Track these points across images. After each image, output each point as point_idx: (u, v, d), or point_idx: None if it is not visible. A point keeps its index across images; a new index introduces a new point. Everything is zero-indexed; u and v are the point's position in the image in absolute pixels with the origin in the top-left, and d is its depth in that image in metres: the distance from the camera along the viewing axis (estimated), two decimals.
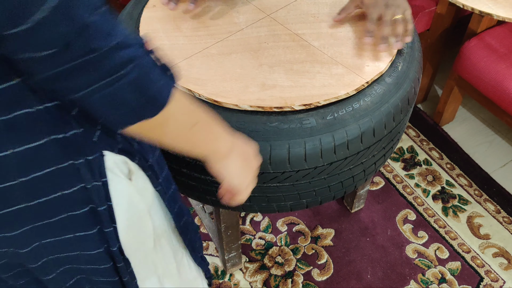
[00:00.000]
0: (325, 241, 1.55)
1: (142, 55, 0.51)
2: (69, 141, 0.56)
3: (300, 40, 1.04)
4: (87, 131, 0.57)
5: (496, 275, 1.49)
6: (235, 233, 1.33)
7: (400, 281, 1.47)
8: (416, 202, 1.65)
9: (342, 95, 0.92)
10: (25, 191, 0.57)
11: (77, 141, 0.57)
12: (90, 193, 0.60)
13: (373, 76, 0.96)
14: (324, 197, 1.04)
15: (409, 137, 1.84)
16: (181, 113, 0.57)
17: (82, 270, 0.72)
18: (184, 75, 0.96)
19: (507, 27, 1.62)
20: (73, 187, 0.59)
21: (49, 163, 0.56)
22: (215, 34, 1.05)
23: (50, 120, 0.54)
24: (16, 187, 0.56)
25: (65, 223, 0.62)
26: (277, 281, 1.47)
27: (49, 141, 0.55)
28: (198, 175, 0.97)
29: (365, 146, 0.95)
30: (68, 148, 0.56)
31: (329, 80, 0.95)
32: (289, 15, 1.10)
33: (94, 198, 0.61)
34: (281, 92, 0.93)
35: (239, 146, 0.70)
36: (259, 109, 0.91)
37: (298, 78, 0.95)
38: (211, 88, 0.94)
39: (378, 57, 0.99)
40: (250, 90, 0.93)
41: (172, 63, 0.56)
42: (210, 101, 0.92)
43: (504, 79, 1.53)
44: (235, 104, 0.91)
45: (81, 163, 0.58)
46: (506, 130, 1.89)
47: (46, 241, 0.63)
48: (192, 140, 0.62)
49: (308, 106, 0.91)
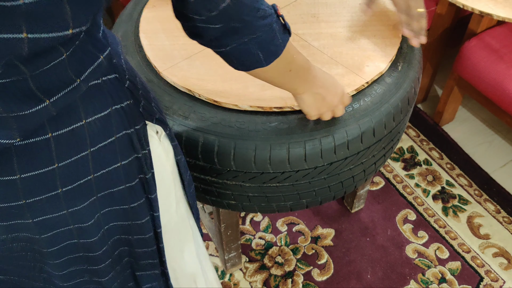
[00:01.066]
0: (325, 241, 1.55)
1: (275, 21, 0.67)
2: (124, 111, 0.62)
3: (300, 40, 1.04)
4: (135, 101, 0.64)
5: (496, 275, 1.49)
6: (235, 233, 1.33)
7: (400, 281, 1.47)
8: (416, 202, 1.65)
9: None
10: (93, 162, 0.61)
11: (129, 111, 0.63)
12: (141, 162, 0.66)
13: (373, 76, 0.96)
14: (324, 197, 1.04)
15: (409, 137, 1.84)
16: (285, 62, 0.73)
17: (128, 241, 0.75)
18: (184, 75, 0.96)
19: (507, 27, 1.62)
20: (129, 158, 0.65)
21: (111, 133, 0.61)
22: None
23: (112, 91, 0.60)
24: (87, 158, 0.60)
25: (124, 193, 0.67)
26: (277, 281, 1.47)
27: (112, 111, 0.61)
28: (198, 175, 0.97)
29: (365, 146, 0.95)
30: (123, 118, 0.62)
31: None
32: (289, 15, 1.10)
33: (144, 167, 0.67)
34: (280, 92, 0.93)
35: (316, 87, 0.83)
36: (259, 109, 0.91)
37: None
38: (211, 88, 0.94)
39: (378, 58, 0.99)
40: (250, 90, 0.93)
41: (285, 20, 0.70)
42: (210, 101, 0.92)
43: (504, 79, 1.53)
44: (234, 104, 0.91)
45: (132, 133, 0.64)
46: (506, 130, 1.89)
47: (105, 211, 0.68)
48: (283, 80, 0.79)
49: None
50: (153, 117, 0.68)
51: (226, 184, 0.97)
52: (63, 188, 0.60)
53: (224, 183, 0.97)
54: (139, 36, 1.05)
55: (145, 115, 0.66)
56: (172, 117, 0.92)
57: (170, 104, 0.93)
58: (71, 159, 0.59)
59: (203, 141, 0.90)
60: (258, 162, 0.90)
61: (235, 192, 0.99)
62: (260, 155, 0.89)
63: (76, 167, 0.60)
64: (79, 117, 0.58)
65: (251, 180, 0.95)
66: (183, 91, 0.95)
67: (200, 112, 0.92)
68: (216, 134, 0.89)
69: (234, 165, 0.91)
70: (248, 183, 0.96)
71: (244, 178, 0.94)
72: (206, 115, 0.91)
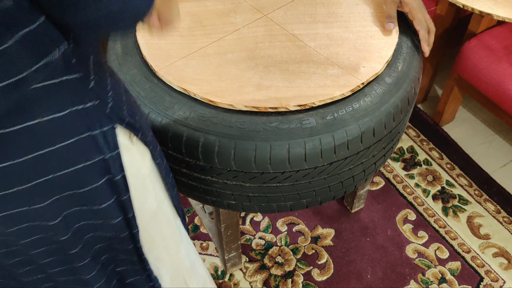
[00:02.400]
0: (325, 241, 1.55)
1: None
2: (87, 112, 0.61)
3: (296, 41, 1.04)
4: (101, 103, 0.63)
5: (496, 275, 1.49)
6: (235, 233, 1.33)
7: (400, 281, 1.47)
8: (416, 202, 1.65)
9: (337, 96, 0.92)
10: (53, 161, 0.61)
11: (94, 113, 0.62)
12: (108, 164, 0.65)
13: (368, 77, 0.96)
14: (324, 197, 1.04)
15: (409, 137, 1.84)
16: None
17: (104, 237, 0.76)
18: (179, 75, 0.96)
19: (507, 27, 1.62)
20: (94, 159, 0.64)
21: (72, 134, 0.61)
22: (212, 33, 1.05)
23: (72, 91, 0.59)
24: (45, 156, 0.60)
25: (89, 194, 0.67)
26: (277, 281, 1.47)
27: (72, 112, 0.60)
28: (198, 175, 0.97)
29: (365, 146, 0.95)
30: (87, 119, 0.61)
31: (325, 81, 0.95)
32: (286, 15, 1.09)
33: (111, 169, 0.66)
34: (276, 92, 0.93)
35: None
36: (254, 109, 0.91)
37: (293, 79, 0.95)
38: (207, 88, 0.94)
39: (374, 59, 0.99)
40: (246, 90, 0.93)
41: None
42: (206, 101, 0.92)
43: (504, 79, 1.53)
44: (230, 104, 0.91)
45: (97, 134, 0.63)
46: (506, 130, 1.89)
47: (72, 210, 0.68)
48: None
49: (303, 107, 0.91)
50: (123, 121, 0.66)
51: (226, 184, 0.97)
52: (20, 186, 0.61)
53: (224, 183, 0.97)
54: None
55: (113, 118, 0.64)
56: (173, 117, 0.92)
57: (171, 104, 0.93)
58: (27, 157, 0.59)
59: (204, 141, 0.90)
60: (258, 162, 0.90)
61: (235, 192, 0.99)
62: (260, 155, 0.89)
63: (33, 165, 0.60)
64: (34, 115, 0.57)
65: (251, 180, 0.95)
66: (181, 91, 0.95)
67: (201, 112, 0.92)
68: (216, 134, 0.89)
69: (234, 165, 0.91)
70: (248, 183, 0.96)
71: (244, 178, 0.94)
72: (207, 115, 0.91)
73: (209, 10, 1.11)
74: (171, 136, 0.92)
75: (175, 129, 0.91)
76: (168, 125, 0.92)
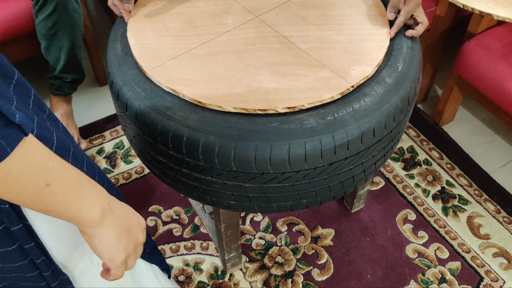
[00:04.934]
0: (325, 241, 1.56)
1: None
2: None
3: (287, 43, 1.04)
4: None
5: (496, 275, 1.49)
6: (235, 233, 1.33)
7: (400, 281, 1.47)
8: (416, 202, 1.65)
9: (326, 98, 0.92)
10: None
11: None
12: (1, 216, 0.63)
13: (358, 80, 0.95)
14: (324, 197, 1.04)
15: (409, 137, 1.84)
16: (27, 172, 0.51)
17: (7, 278, 0.74)
18: (169, 75, 0.96)
19: (507, 27, 1.62)
20: None
21: None
22: (203, 34, 1.05)
23: None
24: None
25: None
26: (277, 281, 1.47)
27: None
28: (198, 175, 0.97)
29: (365, 147, 0.95)
30: None
31: (315, 83, 0.95)
32: (278, 17, 1.09)
33: (4, 220, 0.64)
34: (265, 94, 0.93)
35: (117, 215, 0.61)
36: (243, 111, 0.90)
37: (283, 81, 0.95)
38: (196, 89, 0.94)
39: (365, 62, 0.99)
40: (235, 92, 0.93)
41: (21, 118, 0.49)
42: (194, 102, 0.92)
43: (504, 79, 1.53)
44: (218, 106, 0.91)
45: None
46: (506, 130, 1.89)
47: None
48: (46, 201, 0.54)
49: (292, 109, 0.91)
50: None
51: (226, 185, 0.97)
52: None
53: (225, 184, 0.97)
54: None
55: None
56: (173, 118, 0.92)
57: (171, 104, 0.93)
58: None
59: (204, 142, 0.90)
60: (258, 162, 0.90)
61: (235, 192, 0.99)
62: (261, 156, 0.89)
63: None
64: None
65: (251, 180, 0.95)
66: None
67: (201, 113, 0.92)
68: (216, 135, 0.89)
69: (235, 165, 0.91)
70: (248, 184, 0.96)
71: (244, 178, 0.94)
72: (207, 115, 0.91)
73: (200, 11, 1.11)
74: (172, 136, 0.92)
75: (176, 130, 0.91)
76: (169, 126, 0.92)
